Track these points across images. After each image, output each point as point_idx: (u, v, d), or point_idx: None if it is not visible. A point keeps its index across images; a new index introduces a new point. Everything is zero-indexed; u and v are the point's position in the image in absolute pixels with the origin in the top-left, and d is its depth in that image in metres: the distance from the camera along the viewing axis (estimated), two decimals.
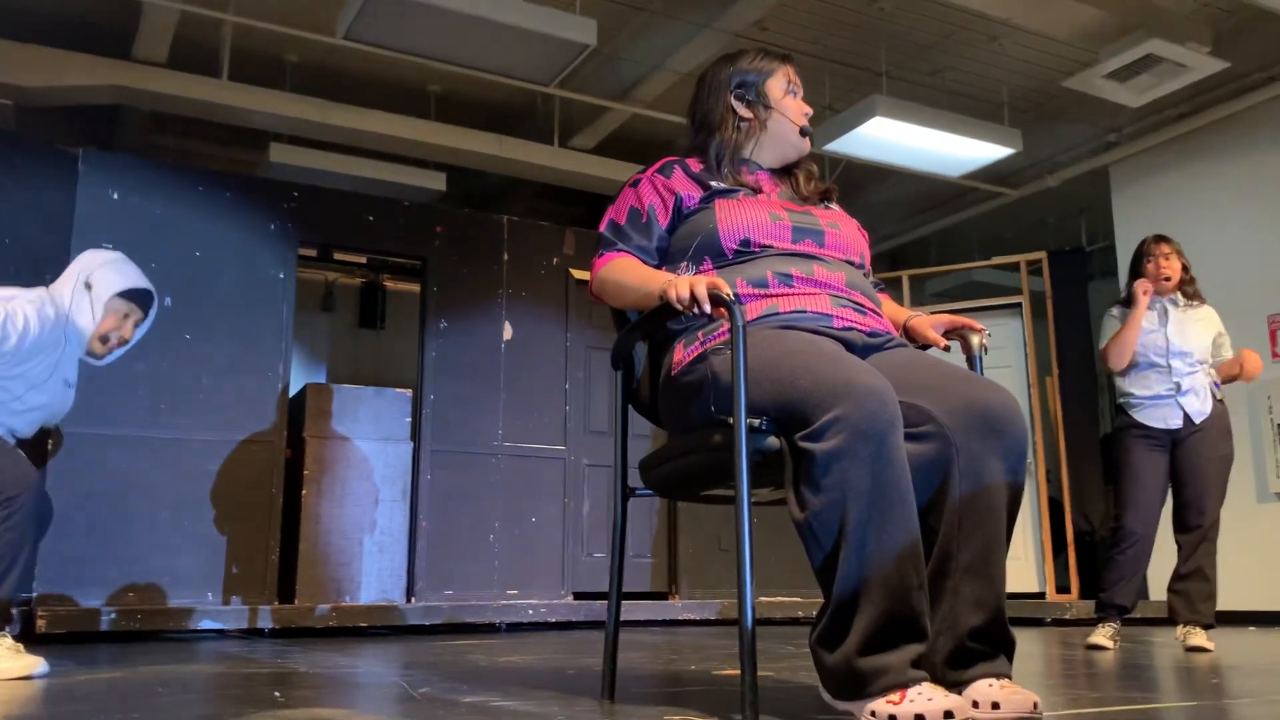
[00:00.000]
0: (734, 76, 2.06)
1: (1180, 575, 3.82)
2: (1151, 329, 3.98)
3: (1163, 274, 3.97)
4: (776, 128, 2.04)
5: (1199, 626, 3.76)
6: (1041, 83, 6.39)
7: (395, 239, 5.77)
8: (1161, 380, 3.92)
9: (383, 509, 5.32)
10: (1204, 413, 3.89)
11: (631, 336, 1.97)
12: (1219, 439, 3.89)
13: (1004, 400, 1.65)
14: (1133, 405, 3.99)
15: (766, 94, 2.04)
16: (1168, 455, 3.93)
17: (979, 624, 1.57)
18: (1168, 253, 4.01)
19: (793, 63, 2.10)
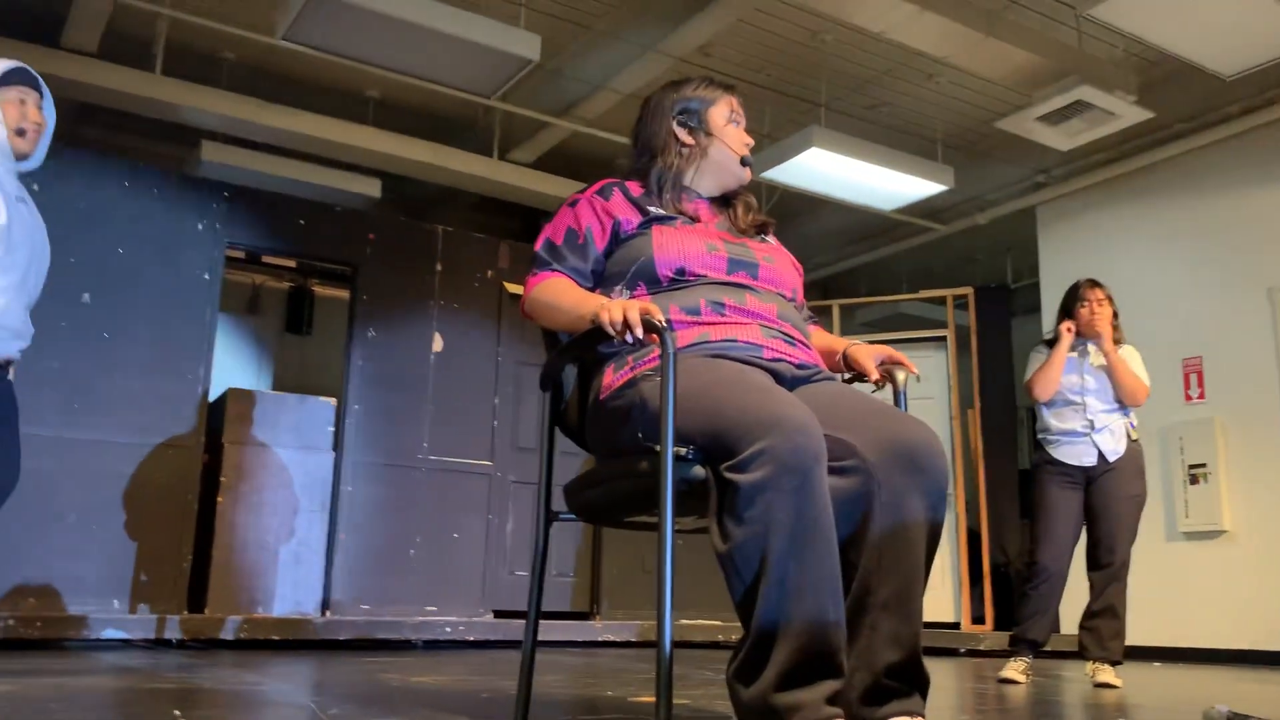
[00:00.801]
0: (678, 103, 2.07)
1: (1091, 613, 3.91)
2: (1071, 369, 4.08)
3: (1094, 320, 4.06)
4: (717, 155, 2.05)
5: (1107, 663, 3.84)
6: (975, 122, 6.52)
7: (326, 244, 5.68)
8: (1077, 417, 4.02)
9: (301, 519, 5.21)
10: (1118, 451, 3.98)
11: (561, 358, 1.95)
12: (1132, 479, 3.98)
13: (926, 437, 1.67)
14: (1050, 441, 4.09)
15: (708, 121, 2.06)
16: (1082, 492, 4.01)
17: (895, 661, 1.57)
18: (1100, 299, 4.11)
19: (736, 93, 2.12)
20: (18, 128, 2.74)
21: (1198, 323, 6.32)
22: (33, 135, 2.78)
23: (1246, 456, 5.98)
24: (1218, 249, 6.29)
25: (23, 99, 2.76)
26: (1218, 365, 6.19)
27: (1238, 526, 5.97)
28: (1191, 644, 6.03)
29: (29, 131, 2.76)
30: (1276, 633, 5.68)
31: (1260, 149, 6.12)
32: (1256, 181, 6.13)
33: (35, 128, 2.78)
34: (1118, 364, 4.01)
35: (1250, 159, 6.17)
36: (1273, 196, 6.05)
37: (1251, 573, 5.85)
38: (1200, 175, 6.42)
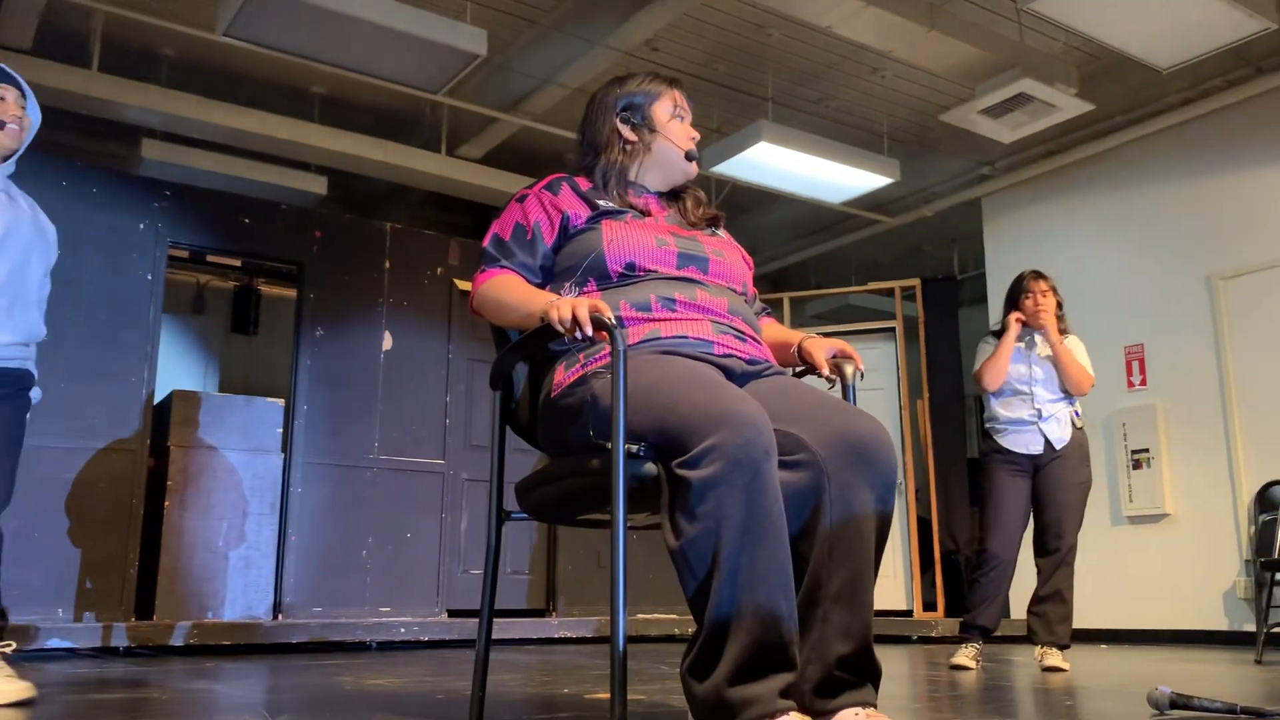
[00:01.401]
0: (621, 99, 2.07)
1: (1039, 598, 3.97)
2: (1019, 359, 4.15)
3: (1039, 310, 4.14)
4: (661, 151, 2.05)
5: (1055, 647, 3.91)
6: (920, 116, 6.59)
7: (272, 242, 5.60)
8: (1024, 406, 4.09)
9: (250, 522, 5.14)
10: (1064, 439, 4.06)
11: (511, 356, 1.94)
12: (1078, 465, 4.06)
13: (875, 430, 1.68)
14: (998, 430, 4.16)
15: (652, 117, 2.05)
16: (1029, 480, 4.09)
17: (847, 653, 1.59)
18: (1044, 289, 4.19)
19: (681, 87, 2.11)
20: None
21: (1139, 311, 6.45)
22: (16, 130, 2.69)
23: (1187, 442, 6.11)
24: (1157, 238, 6.42)
25: (1, 95, 2.70)
26: (1159, 353, 6.32)
27: (1179, 510, 6.11)
28: (1136, 625, 6.17)
29: (13, 127, 2.68)
30: (1217, 613, 5.82)
31: (1197, 140, 6.25)
32: (1194, 171, 6.27)
33: (16, 122, 2.69)
34: (1064, 355, 4.08)
35: (1188, 149, 6.30)
36: (1210, 186, 6.18)
37: (1193, 555, 5.99)
38: (1140, 166, 6.55)
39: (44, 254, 2.77)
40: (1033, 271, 4.28)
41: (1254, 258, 5.91)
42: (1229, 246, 6.04)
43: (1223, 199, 6.11)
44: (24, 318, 2.70)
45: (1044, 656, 3.91)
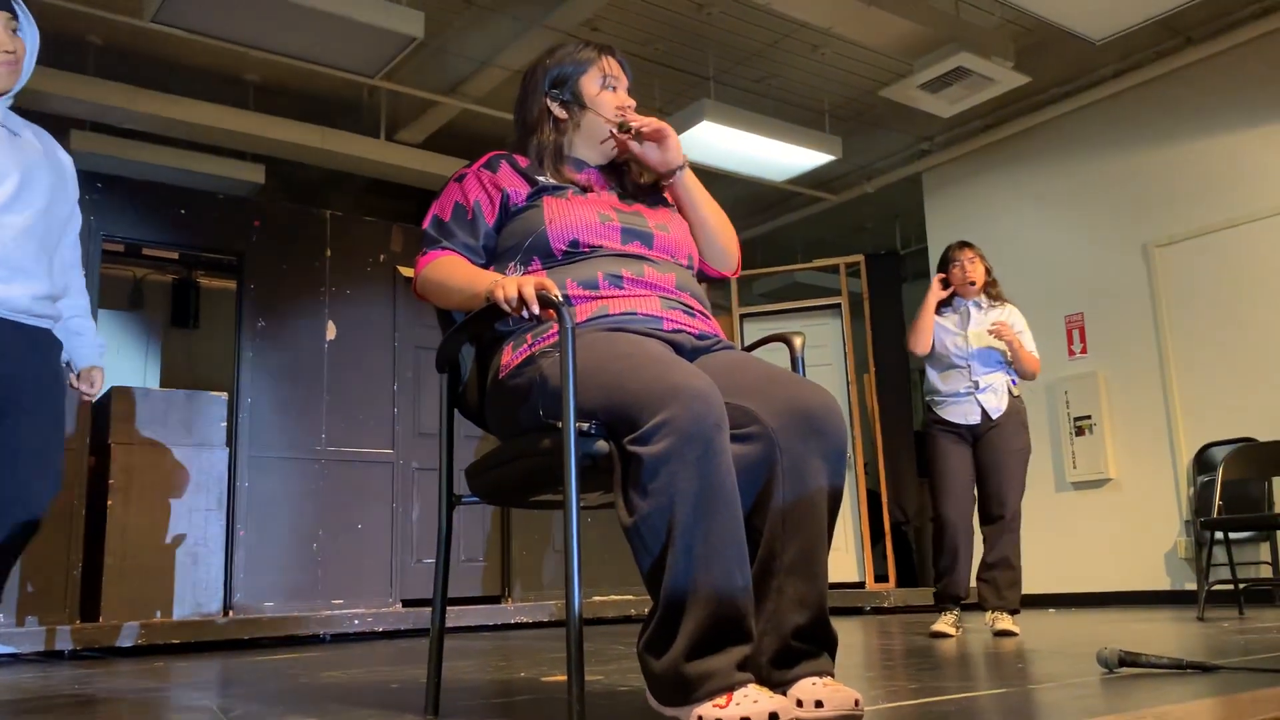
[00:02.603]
0: (550, 71, 2.02)
1: (987, 565, 4.04)
2: (954, 331, 4.22)
3: (968, 279, 4.21)
4: (591, 126, 2.00)
5: (1005, 612, 3.98)
6: (860, 92, 6.63)
7: (209, 234, 5.49)
8: (962, 379, 4.17)
9: (197, 518, 5.06)
10: (1000, 409, 4.13)
11: (457, 338, 1.92)
12: (1015, 433, 4.12)
13: (825, 401, 1.69)
14: (937, 403, 4.24)
15: (580, 92, 2.00)
16: (970, 448, 4.17)
17: (802, 623, 1.60)
18: (971, 257, 4.25)
19: (612, 53, 2.05)
20: None
21: (1079, 280, 6.56)
22: (9, 61, 2.32)
23: (1128, 408, 6.24)
24: (1095, 208, 6.53)
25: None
26: (1099, 321, 6.44)
27: (1122, 475, 6.24)
28: (1083, 589, 6.30)
29: (4, 59, 2.31)
30: (1159, 573, 5.96)
31: (1131, 110, 6.36)
32: (1129, 142, 6.37)
33: (8, 58, 2.32)
34: (1020, 352, 4.13)
35: (1123, 120, 6.41)
36: (1145, 156, 6.29)
37: (1136, 518, 6.12)
38: (1076, 137, 6.65)
39: (66, 193, 2.47)
40: (959, 242, 4.36)
41: (1189, 225, 6.03)
42: (1164, 215, 6.16)
43: (1158, 168, 6.22)
44: (51, 266, 2.40)
45: (995, 621, 3.97)
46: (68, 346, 2.60)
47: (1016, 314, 4.27)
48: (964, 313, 4.24)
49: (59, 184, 2.42)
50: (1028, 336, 4.23)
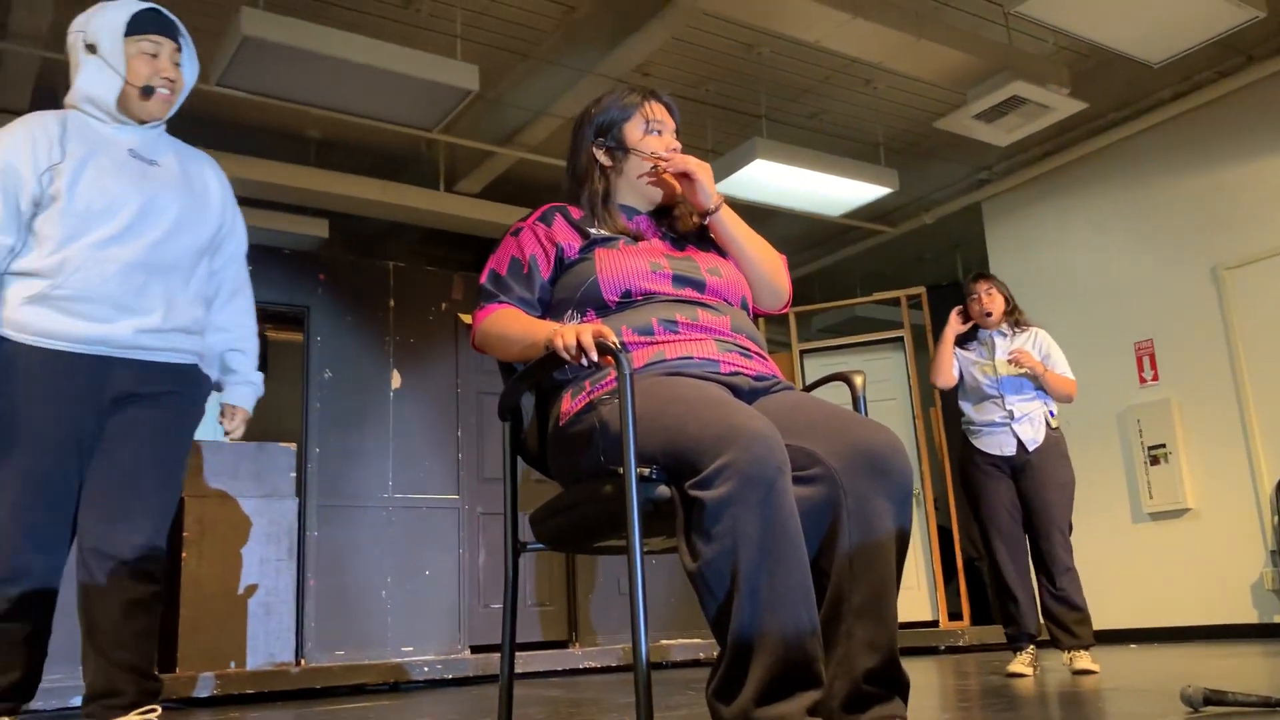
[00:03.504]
0: (596, 119, 2.04)
1: (1052, 598, 3.94)
2: (982, 361, 4.18)
3: (985, 310, 4.18)
4: (634, 172, 2.01)
5: (1081, 649, 3.87)
6: (914, 124, 6.60)
7: (276, 288, 5.62)
8: (995, 409, 4.11)
9: (268, 569, 5.13)
10: (1036, 440, 4.04)
11: (518, 387, 1.93)
12: (1056, 467, 4.03)
13: (888, 440, 1.67)
14: (973, 432, 4.19)
15: (624, 138, 2.02)
16: (1010, 479, 4.08)
17: (873, 666, 1.57)
18: (988, 289, 4.22)
19: (655, 98, 2.06)
20: (145, 85, 2.25)
21: (1147, 306, 6.42)
22: (164, 96, 2.29)
23: (1204, 434, 6.07)
24: (1161, 232, 6.40)
25: (156, 51, 2.27)
26: (1169, 346, 6.29)
27: (1201, 504, 6.06)
28: (1165, 623, 6.10)
29: (165, 92, 2.28)
30: (1245, 606, 5.76)
31: (1194, 132, 6.25)
32: (1193, 164, 6.26)
33: (168, 86, 2.29)
34: (1047, 376, 4.04)
35: (1185, 142, 6.30)
36: (1211, 177, 6.17)
37: (1218, 548, 5.93)
38: (1138, 161, 6.55)
39: (205, 219, 2.36)
40: (975, 274, 4.33)
41: (1259, 246, 5.89)
42: (1233, 236, 6.02)
43: (1224, 189, 6.09)
44: (174, 298, 2.27)
45: (1073, 660, 3.87)
46: (223, 382, 2.51)
47: (1043, 336, 4.20)
48: (989, 343, 4.21)
49: (194, 210, 2.32)
50: (1058, 359, 4.14)
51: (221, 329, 2.47)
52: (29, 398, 2.13)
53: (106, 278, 2.18)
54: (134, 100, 2.27)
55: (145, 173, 2.27)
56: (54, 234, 2.16)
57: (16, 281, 2.18)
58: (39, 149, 2.18)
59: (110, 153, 2.25)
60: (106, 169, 2.22)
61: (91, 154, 2.22)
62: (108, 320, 2.18)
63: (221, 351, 2.49)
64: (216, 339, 2.46)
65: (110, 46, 2.24)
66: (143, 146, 2.31)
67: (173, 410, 2.29)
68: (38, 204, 2.18)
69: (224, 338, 2.48)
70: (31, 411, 2.13)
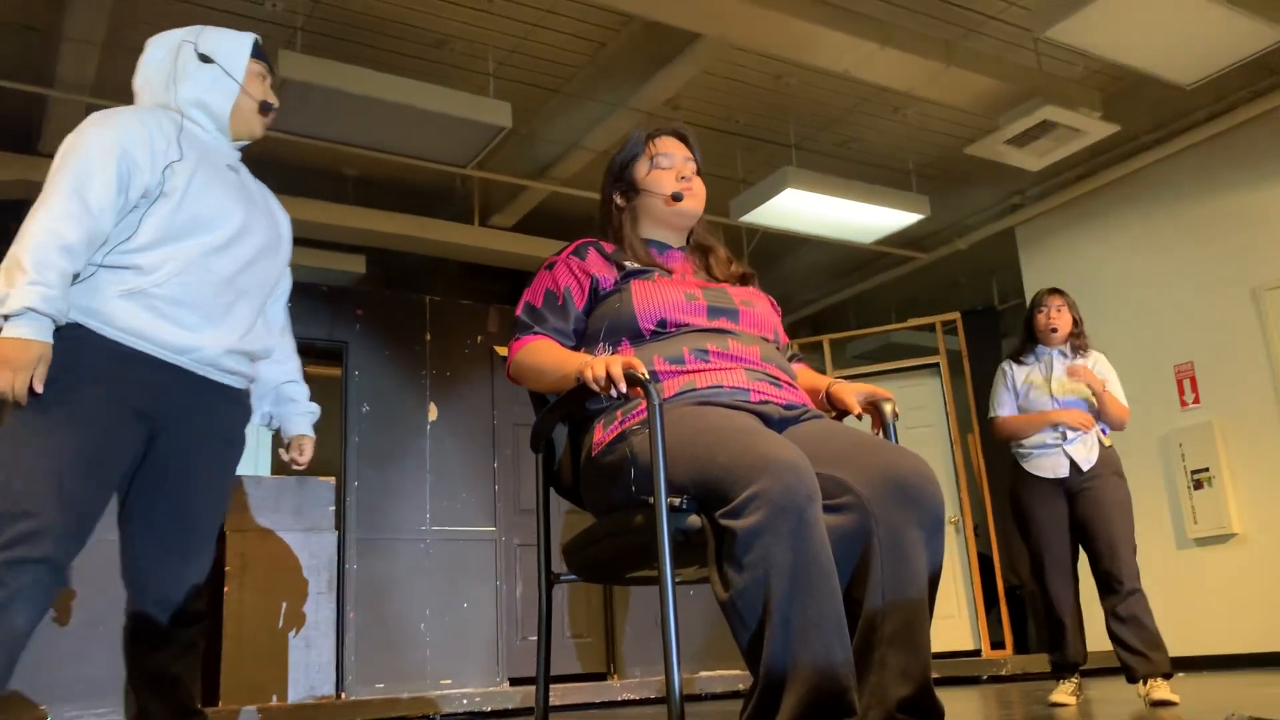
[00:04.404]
0: (613, 166, 2.14)
1: (1119, 629, 3.73)
2: (1038, 380, 4.04)
3: (1050, 325, 4.04)
4: (647, 205, 2.08)
5: (1159, 677, 3.63)
6: (945, 150, 6.60)
7: (315, 323, 5.70)
8: (1048, 430, 3.96)
9: (309, 602, 5.17)
10: (1090, 460, 3.90)
11: (550, 418, 1.96)
12: (1112, 485, 3.88)
13: (919, 468, 1.67)
14: (1023, 455, 4.03)
15: (633, 178, 2.10)
16: (1065, 503, 3.93)
17: (907, 695, 1.57)
18: (1059, 305, 4.07)
19: (662, 134, 2.13)
20: (264, 100, 2.32)
21: (1186, 328, 6.35)
22: (274, 115, 2.38)
23: (1249, 457, 5.97)
24: (1199, 254, 6.34)
25: (264, 75, 2.35)
26: (1210, 369, 6.21)
27: (1247, 529, 5.95)
28: (1211, 650, 5.98)
29: (272, 113, 2.36)
30: None
31: (1229, 152, 6.20)
32: (1230, 185, 6.20)
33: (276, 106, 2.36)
34: (1104, 397, 3.92)
35: (1221, 162, 6.24)
36: (1248, 198, 6.11)
37: (1266, 574, 5.82)
38: (1174, 183, 6.49)
39: (279, 254, 2.36)
40: (1049, 288, 4.17)
41: None
42: (1273, 256, 5.95)
43: (1262, 209, 6.03)
44: (254, 322, 2.25)
45: (1151, 691, 3.61)
46: (279, 414, 2.49)
47: (1104, 362, 4.07)
48: (1047, 361, 4.06)
49: (274, 240, 2.33)
50: (1116, 386, 4.02)
51: (278, 362, 2.47)
52: (97, 381, 1.99)
53: (205, 287, 2.12)
54: (247, 115, 2.29)
55: (241, 191, 2.26)
56: (161, 232, 2.08)
57: (111, 274, 2.04)
58: (158, 142, 2.11)
59: (215, 163, 2.22)
60: (214, 179, 2.19)
61: (202, 160, 2.18)
62: (198, 330, 2.10)
63: (280, 384, 2.48)
64: (273, 371, 2.46)
65: (232, 61, 2.25)
66: (237, 165, 2.32)
67: (226, 437, 2.24)
68: (147, 197, 2.09)
69: (280, 370, 2.48)
70: (98, 399, 1.99)
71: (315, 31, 4.97)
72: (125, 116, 2.13)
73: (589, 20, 5.09)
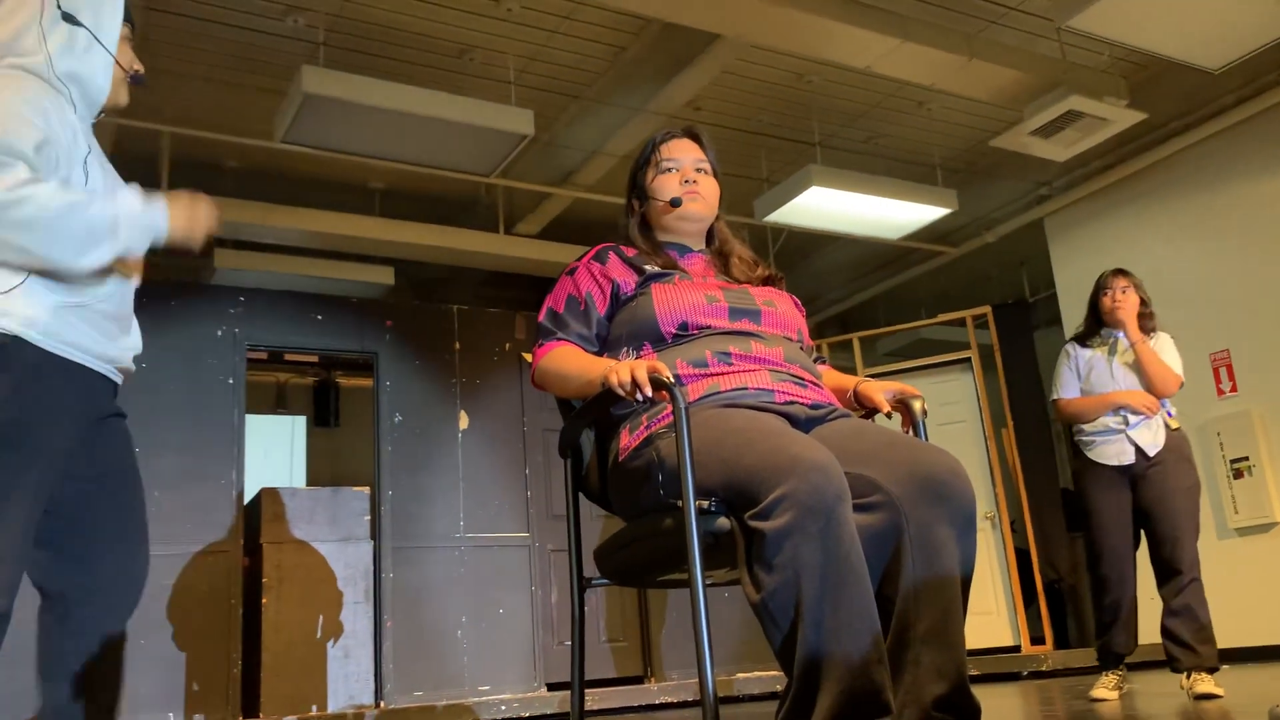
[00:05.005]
0: (631, 171, 2.17)
1: (1171, 614, 3.68)
2: (1100, 365, 3.95)
3: (1116, 307, 3.94)
4: (652, 214, 2.11)
5: (1204, 671, 3.58)
6: (971, 143, 6.55)
7: (345, 336, 5.75)
8: (1110, 415, 3.86)
9: (346, 612, 5.21)
10: (1157, 445, 3.80)
11: (577, 424, 1.97)
12: (1180, 470, 3.78)
13: (949, 464, 1.66)
14: (1086, 442, 3.93)
15: (643, 185, 2.13)
16: (1129, 492, 3.83)
17: (942, 693, 1.55)
18: (1124, 286, 3.97)
19: (672, 137, 2.14)
20: (135, 71, 2.07)
21: (1220, 316, 6.26)
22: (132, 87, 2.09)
23: None
24: (1232, 240, 6.25)
25: (129, 36, 2.07)
26: (1246, 357, 6.12)
27: None
28: (1254, 642, 5.89)
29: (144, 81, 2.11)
30: None
31: (1261, 136, 6.10)
32: (1262, 169, 6.11)
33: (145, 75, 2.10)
34: (1145, 355, 3.83)
35: (1253, 147, 6.15)
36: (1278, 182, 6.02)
37: None
38: (1204, 169, 6.41)
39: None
40: (1114, 269, 4.07)
41: None
42: None
43: None
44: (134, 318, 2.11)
45: (1194, 684, 3.56)
46: None
47: (1165, 340, 3.96)
48: (1111, 344, 3.97)
49: None
50: (1172, 358, 3.90)
51: None
52: (51, 409, 1.85)
53: (124, 289, 2.00)
54: (116, 89, 2.02)
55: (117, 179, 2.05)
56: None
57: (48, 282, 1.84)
58: (69, 130, 1.88)
59: (97, 150, 1.99)
60: (107, 169, 2.00)
61: (92, 149, 1.96)
62: (116, 337, 1.99)
63: None
64: None
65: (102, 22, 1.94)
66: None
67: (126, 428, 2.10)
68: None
69: None
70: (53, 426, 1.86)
71: (337, 46, 5.00)
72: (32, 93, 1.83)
73: (607, 25, 5.10)
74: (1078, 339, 4.09)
